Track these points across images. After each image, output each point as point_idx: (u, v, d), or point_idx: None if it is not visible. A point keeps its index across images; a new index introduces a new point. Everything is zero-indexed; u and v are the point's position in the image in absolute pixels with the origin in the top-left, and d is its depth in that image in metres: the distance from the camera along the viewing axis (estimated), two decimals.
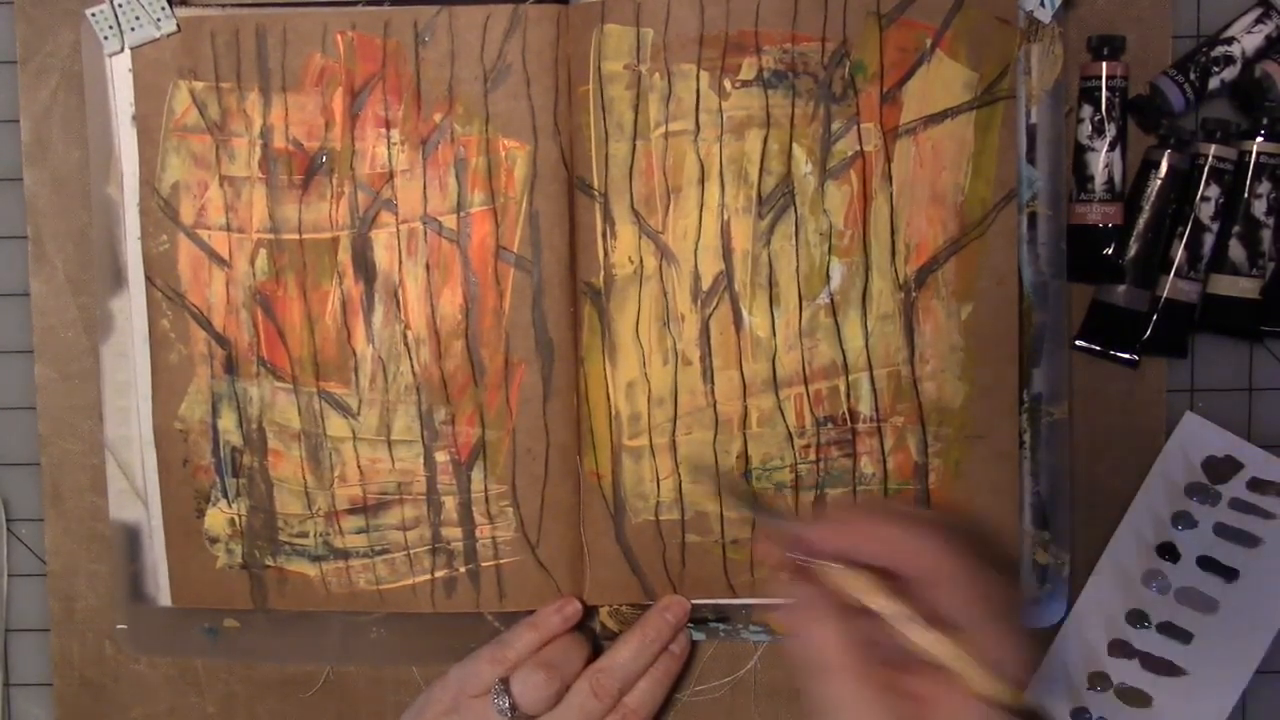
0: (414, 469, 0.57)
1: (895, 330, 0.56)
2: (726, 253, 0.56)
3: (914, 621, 0.37)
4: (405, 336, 0.57)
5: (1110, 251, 0.57)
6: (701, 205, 0.56)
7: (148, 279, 0.57)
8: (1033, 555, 0.58)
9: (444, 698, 0.56)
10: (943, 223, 0.56)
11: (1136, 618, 0.58)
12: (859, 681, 0.37)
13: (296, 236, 0.56)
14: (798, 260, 0.56)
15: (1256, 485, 0.58)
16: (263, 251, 0.57)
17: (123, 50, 0.56)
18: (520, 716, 0.54)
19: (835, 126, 0.55)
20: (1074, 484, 0.58)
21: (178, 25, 0.56)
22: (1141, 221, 0.57)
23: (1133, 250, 0.57)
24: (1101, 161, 0.56)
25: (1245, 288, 0.57)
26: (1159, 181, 0.57)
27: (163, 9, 0.56)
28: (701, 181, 0.55)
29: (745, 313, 0.56)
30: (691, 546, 0.57)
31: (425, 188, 0.56)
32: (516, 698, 0.54)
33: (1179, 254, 0.57)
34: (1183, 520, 0.58)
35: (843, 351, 0.56)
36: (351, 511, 0.58)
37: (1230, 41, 0.56)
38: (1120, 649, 0.58)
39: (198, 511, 0.58)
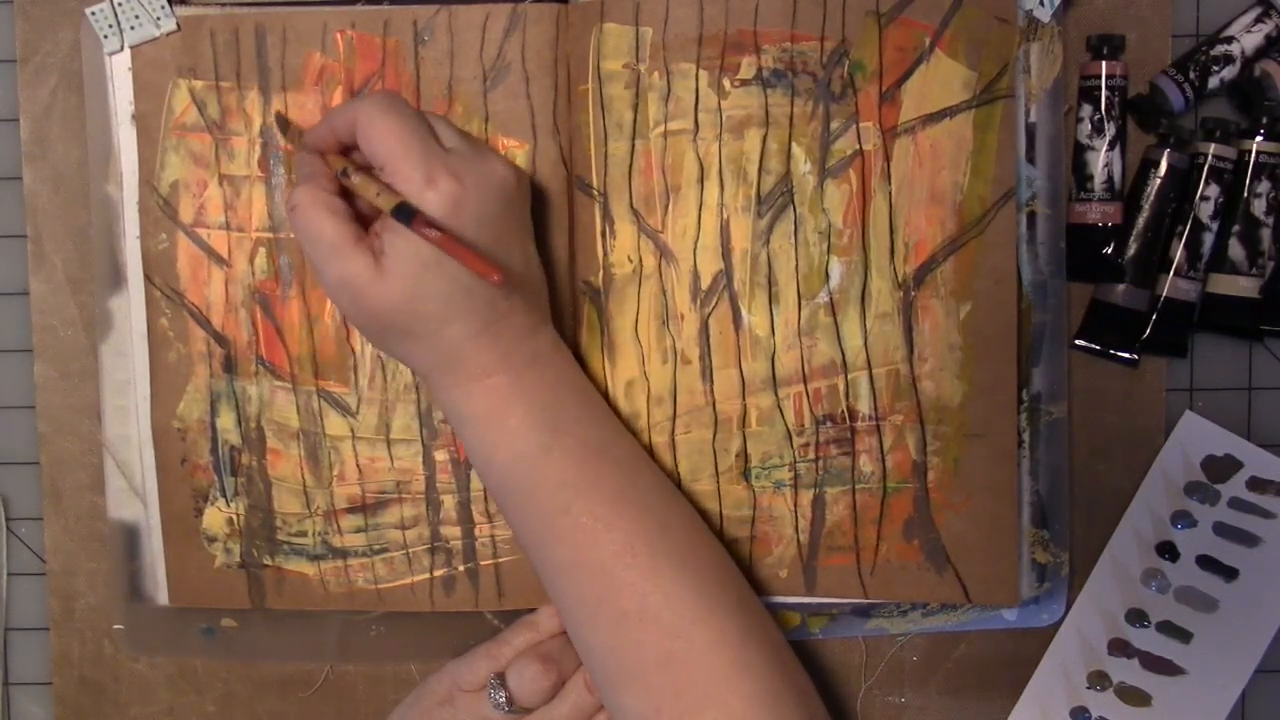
0: (413, 468, 0.57)
1: (894, 329, 0.56)
2: (725, 252, 0.56)
3: (353, 173, 0.48)
4: None
5: (1110, 251, 0.57)
6: (700, 204, 0.56)
7: (147, 278, 0.57)
8: (1032, 554, 0.58)
9: (439, 691, 0.56)
10: (942, 222, 0.56)
11: (1136, 617, 0.58)
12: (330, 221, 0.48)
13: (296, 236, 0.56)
14: (797, 259, 0.56)
15: (1256, 484, 0.58)
16: (262, 250, 0.57)
17: (122, 49, 0.56)
18: (516, 710, 0.54)
19: (834, 126, 0.55)
20: (1073, 483, 0.58)
21: (177, 24, 0.56)
22: (1141, 221, 0.57)
23: (1132, 249, 0.57)
24: (1101, 161, 0.56)
25: (1245, 287, 0.57)
26: (1158, 181, 0.57)
27: (162, 8, 0.56)
28: (700, 181, 0.55)
29: (744, 312, 0.56)
30: None
31: None
32: (513, 690, 0.54)
33: (1178, 253, 0.57)
34: (1182, 519, 0.58)
35: (842, 350, 0.56)
36: (350, 510, 0.58)
37: (1230, 41, 0.56)
38: (1120, 648, 0.58)
39: (196, 510, 0.58)
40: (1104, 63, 0.56)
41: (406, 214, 0.46)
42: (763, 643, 0.49)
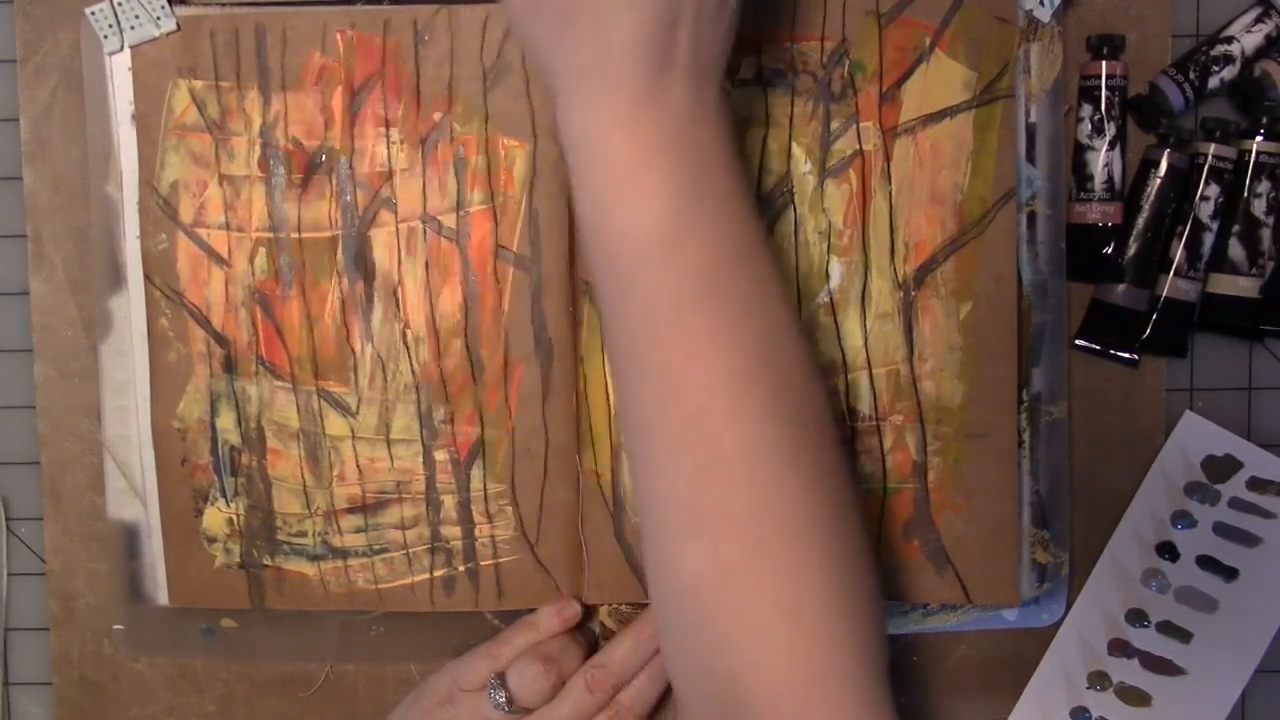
0: (413, 468, 0.57)
1: (894, 329, 0.56)
2: None
3: None
4: (404, 335, 0.57)
5: (1110, 251, 0.57)
6: None
7: (147, 278, 0.57)
8: (1032, 554, 0.58)
9: (439, 691, 0.56)
10: (942, 222, 0.56)
11: (1136, 617, 0.58)
12: None
13: (296, 235, 0.57)
14: (797, 259, 0.56)
15: (1256, 484, 0.58)
16: (262, 250, 0.57)
17: (122, 49, 0.56)
18: (516, 710, 0.54)
19: (834, 126, 0.55)
20: (1073, 483, 0.58)
21: (177, 24, 0.56)
22: (1141, 221, 0.57)
23: (1132, 249, 0.57)
24: (1101, 161, 0.56)
25: (1245, 287, 0.57)
26: (1158, 181, 0.57)
27: (162, 8, 0.56)
28: None
29: None
30: None
31: (424, 187, 0.56)
32: (513, 690, 0.54)
33: (1178, 253, 0.57)
34: (1182, 519, 0.58)
35: (841, 350, 0.56)
36: (350, 510, 0.57)
37: (1230, 41, 0.56)
38: (1120, 648, 0.58)
39: (196, 511, 0.58)
40: (1104, 63, 0.56)
41: None
42: (851, 527, 0.42)
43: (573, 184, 0.43)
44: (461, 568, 0.58)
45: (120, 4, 0.55)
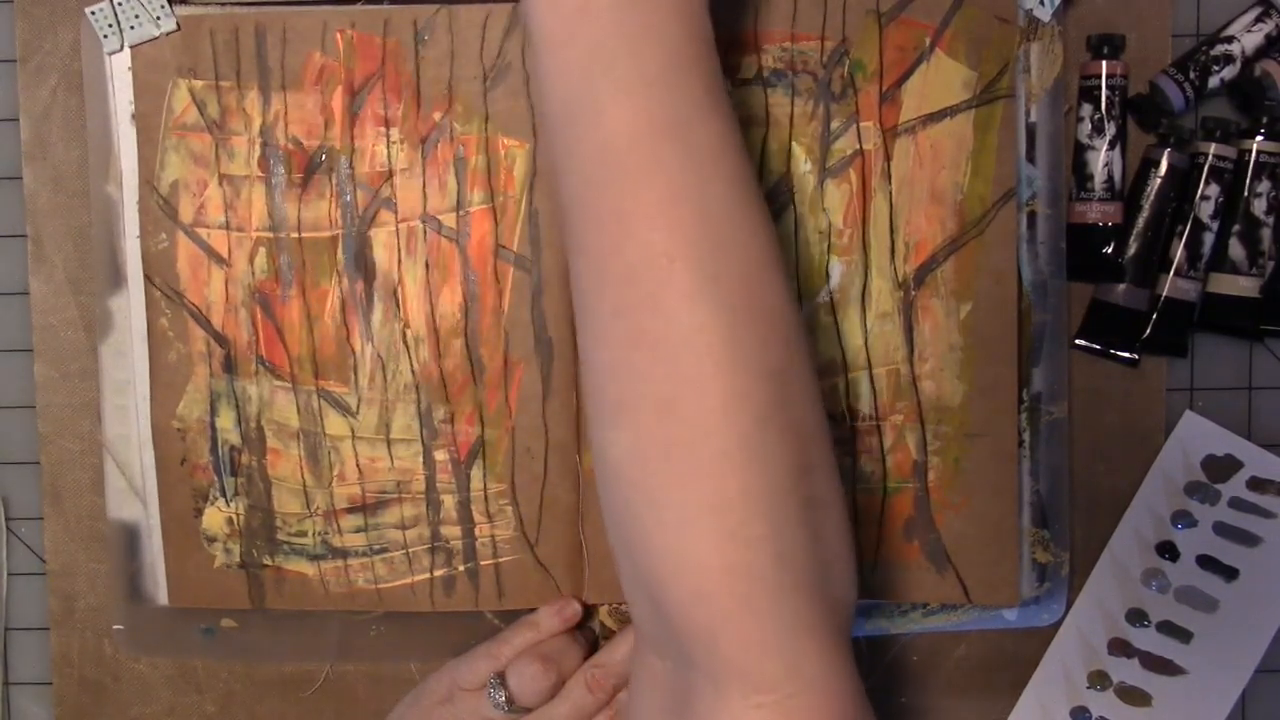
0: (413, 468, 0.57)
1: (894, 329, 0.56)
2: None
3: None
4: (404, 335, 0.57)
5: (1110, 250, 0.57)
6: None
7: (147, 278, 0.57)
8: (1032, 554, 0.58)
9: (439, 690, 0.56)
10: (942, 221, 0.56)
11: (1136, 617, 0.58)
12: None
13: (296, 235, 0.57)
14: (797, 259, 0.56)
15: (1256, 484, 0.58)
16: (262, 250, 0.57)
17: (122, 49, 0.56)
18: (516, 710, 0.54)
19: (834, 125, 0.55)
20: (1074, 483, 0.58)
21: (177, 24, 0.56)
22: (1141, 220, 0.57)
23: (1132, 249, 0.57)
24: (1101, 160, 0.56)
25: (1245, 287, 0.57)
26: (1159, 180, 0.57)
27: (162, 7, 0.56)
28: None
29: None
30: None
31: (425, 186, 0.56)
32: (512, 690, 0.54)
33: (1178, 253, 0.57)
34: (1182, 519, 0.58)
35: (841, 350, 0.56)
36: (350, 510, 0.57)
37: (1230, 40, 0.56)
38: (1120, 648, 0.58)
39: (195, 511, 0.58)
40: (1104, 62, 0.56)
41: None
42: (784, 428, 0.39)
43: (527, 57, 0.41)
44: (461, 567, 0.58)
45: (120, 4, 0.55)
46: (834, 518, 0.41)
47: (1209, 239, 0.57)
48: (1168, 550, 0.58)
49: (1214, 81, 0.56)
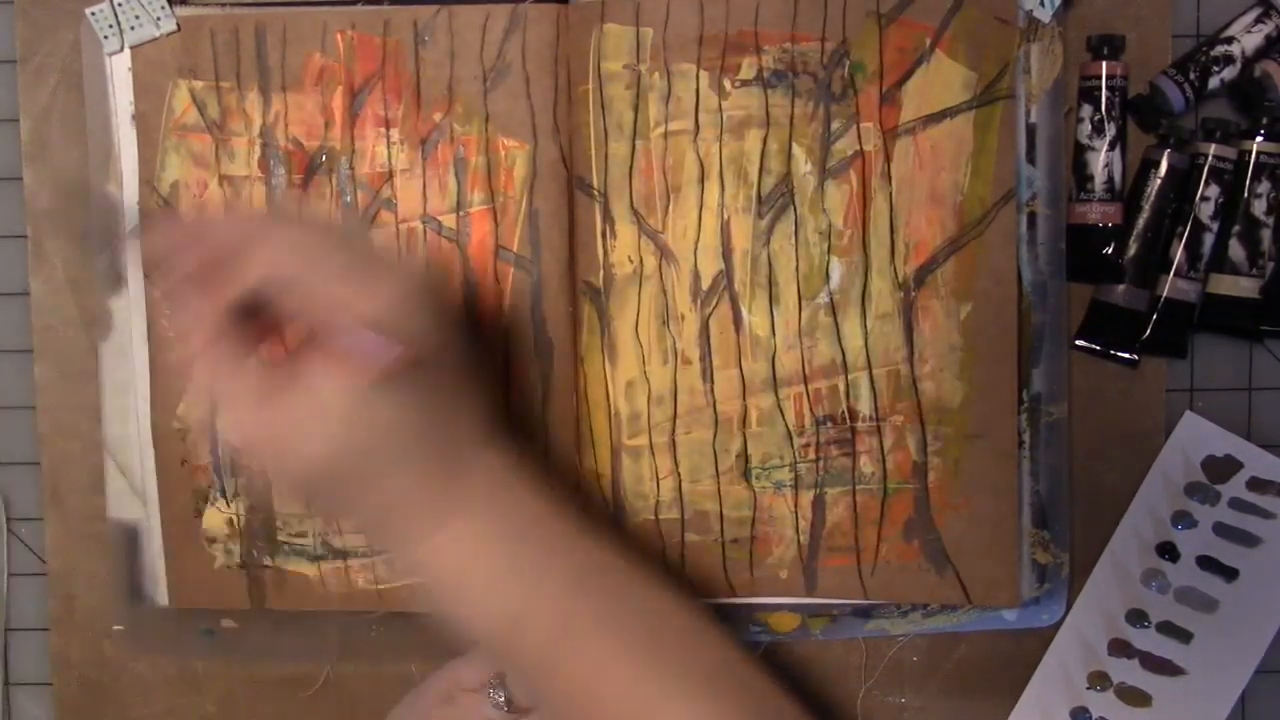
0: None
1: (894, 329, 0.56)
2: (726, 252, 0.56)
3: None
4: None
5: (1110, 251, 0.57)
6: (701, 205, 0.56)
7: (147, 278, 0.57)
8: (1032, 555, 0.58)
9: (439, 689, 0.56)
10: (942, 222, 0.56)
11: (1136, 617, 0.58)
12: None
13: None
14: (797, 259, 0.56)
15: (1256, 485, 0.58)
16: None
17: (122, 49, 0.56)
18: (515, 710, 0.54)
19: (835, 126, 0.55)
20: (1074, 484, 0.58)
21: (177, 24, 0.56)
22: (1141, 221, 0.57)
23: (1132, 250, 0.57)
24: (1101, 161, 0.56)
25: (1245, 287, 0.57)
26: (1158, 181, 0.57)
27: (162, 8, 0.56)
28: (701, 181, 0.55)
29: (745, 312, 0.56)
30: (691, 546, 0.57)
31: (425, 187, 0.56)
32: (512, 690, 0.54)
33: (1178, 253, 0.57)
34: (1182, 520, 0.58)
35: (842, 350, 0.56)
36: None
37: (1230, 41, 0.56)
38: (1120, 648, 0.58)
39: (196, 511, 0.58)
40: (1104, 63, 0.56)
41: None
42: None
43: (432, 602, 0.45)
44: None
45: (120, 4, 0.55)
46: None
47: (1209, 239, 0.57)
48: (1168, 550, 0.58)
49: (1214, 82, 0.56)
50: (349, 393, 0.41)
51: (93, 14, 0.56)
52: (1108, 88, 0.56)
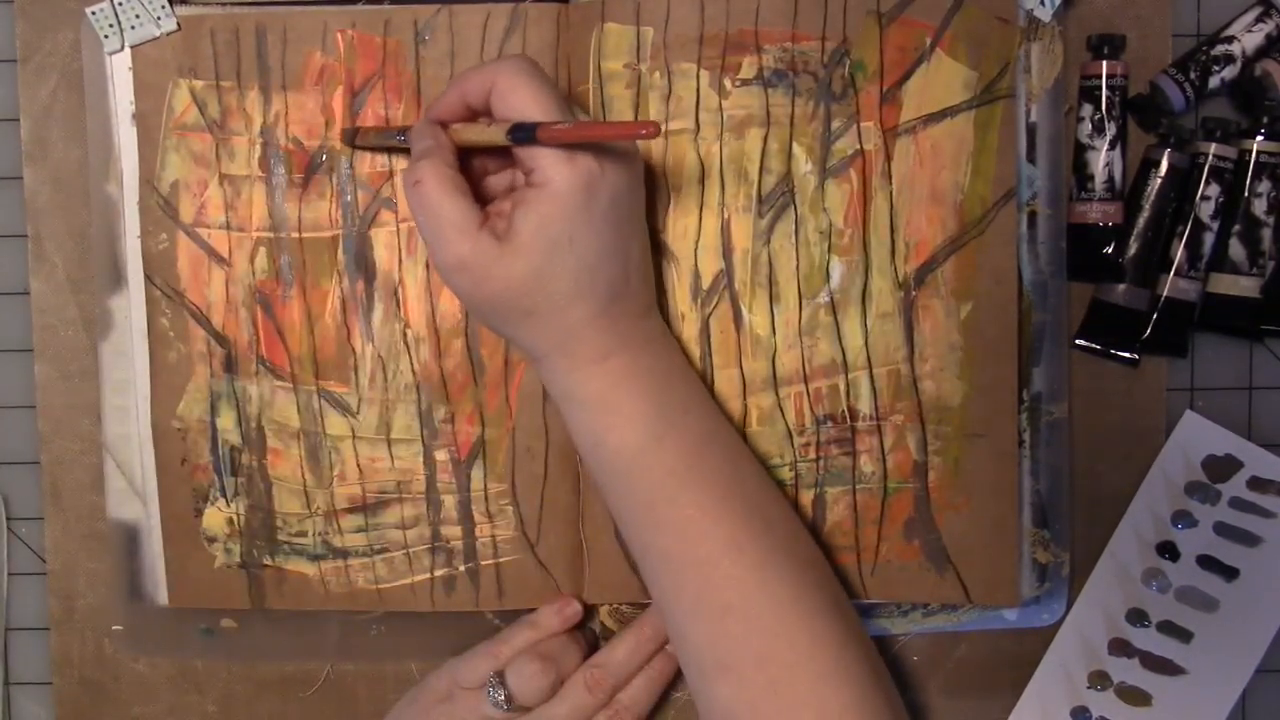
0: (413, 467, 0.57)
1: (895, 329, 0.56)
2: (726, 251, 0.56)
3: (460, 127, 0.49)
4: (405, 335, 0.57)
5: (1110, 250, 0.57)
6: (701, 204, 0.56)
7: (147, 277, 0.57)
8: (1033, 554, 0.58)
9: (439, 688, 0.56)
10: (942, 221, 0.56)
11: (1136, 616, 0.58)
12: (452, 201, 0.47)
13: (296, 235, 0.57)
14: (797, 259, 0.56)
15: (1256, 484, 0.58)
16: (262, 250, 0.57)
17: (123, 49, 0.56)
18: (515, 709, 0.54)
19: (835, 125, 0.55)
20: (1074, 483, 0.58)
21: (178, 24, 0.56)
22: (1141, 220, 0.57)
23: (1133, 249, 0.57)
24: (1101, 160, 0.56)
25: (1245, 287, 0.57)
26: (1159, 180, 0.57)
27: (163, 7, 0.56)
28: (701, 180, 0.55)
29: (745, 311, 0.56)
30: None
31: None
32: (512, 688, 0.54)
33: (1179, 253, 0.57)
34: (1183, 519, 0.58)
35: (842, 350, 0.56)
36: (350, 510, 0.57)
37: (1230, 40, 0.56)
38: (1120, 648, 0.58)
39: (196, 510, 0.58)
40: (1104, 62, 0.56)
41: (527, 131, 0.45)
42: (859, 648, 0.49)
43: (564, 418, 0.51)
44: (462, 567, 0.58)
45: (121, 4, 0.55)
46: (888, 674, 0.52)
47: (1209, 239, 0.57)
48: (1168, 550, 0.58)
49: (1214, 81, 0.56)
50: (548, 235, 0.46)
51: (93, 13, 0.56)
52: (1108, 87, 0.56)
